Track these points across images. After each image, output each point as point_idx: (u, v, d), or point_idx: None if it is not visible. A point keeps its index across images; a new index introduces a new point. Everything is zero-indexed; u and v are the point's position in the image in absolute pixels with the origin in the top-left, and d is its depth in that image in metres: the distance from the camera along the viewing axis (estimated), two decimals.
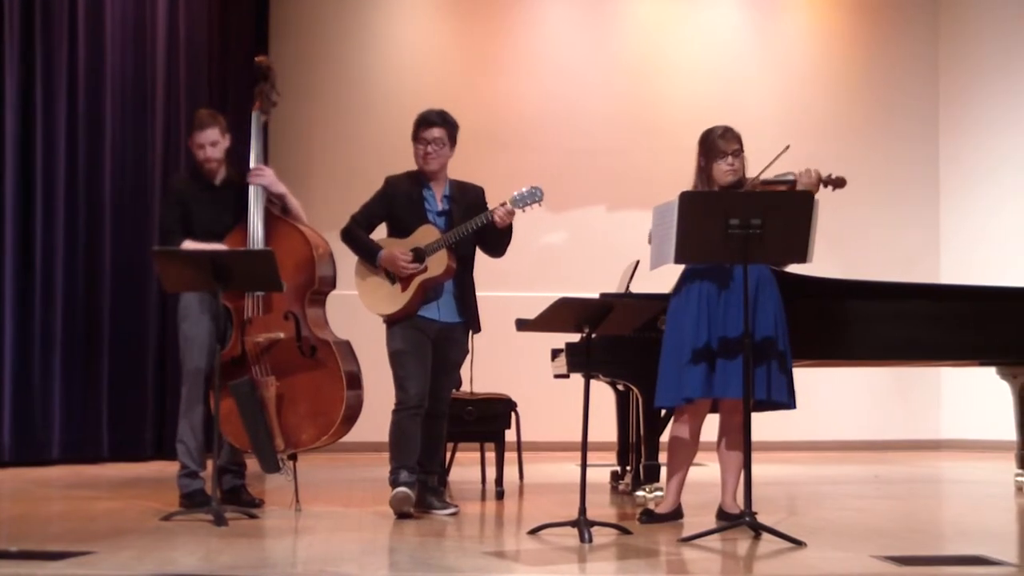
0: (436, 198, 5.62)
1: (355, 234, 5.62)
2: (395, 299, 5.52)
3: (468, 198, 5.66)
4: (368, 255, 5.57)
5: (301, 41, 10.39)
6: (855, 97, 10.85)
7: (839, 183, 5.48)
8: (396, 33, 10.64)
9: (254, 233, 5.67)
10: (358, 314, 5.73)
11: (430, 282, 5.51)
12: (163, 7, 9.08)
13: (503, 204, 5.47)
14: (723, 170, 5.14)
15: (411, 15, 10.70)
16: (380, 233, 5.70)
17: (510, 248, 5.69)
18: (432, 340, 5.55)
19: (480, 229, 5.49)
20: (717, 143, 5.14)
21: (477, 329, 5.73)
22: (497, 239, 5.60)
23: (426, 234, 5.51)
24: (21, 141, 8.06)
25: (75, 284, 8.35)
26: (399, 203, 5.60)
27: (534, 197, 5.50)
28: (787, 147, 4.97)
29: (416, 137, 5.59)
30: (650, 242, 5.06)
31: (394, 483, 5.42)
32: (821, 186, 5.38)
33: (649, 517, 5.27)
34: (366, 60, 10.53)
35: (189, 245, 5.59)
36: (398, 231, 5.61)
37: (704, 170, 5.18)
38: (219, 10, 9.74)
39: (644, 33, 10.78)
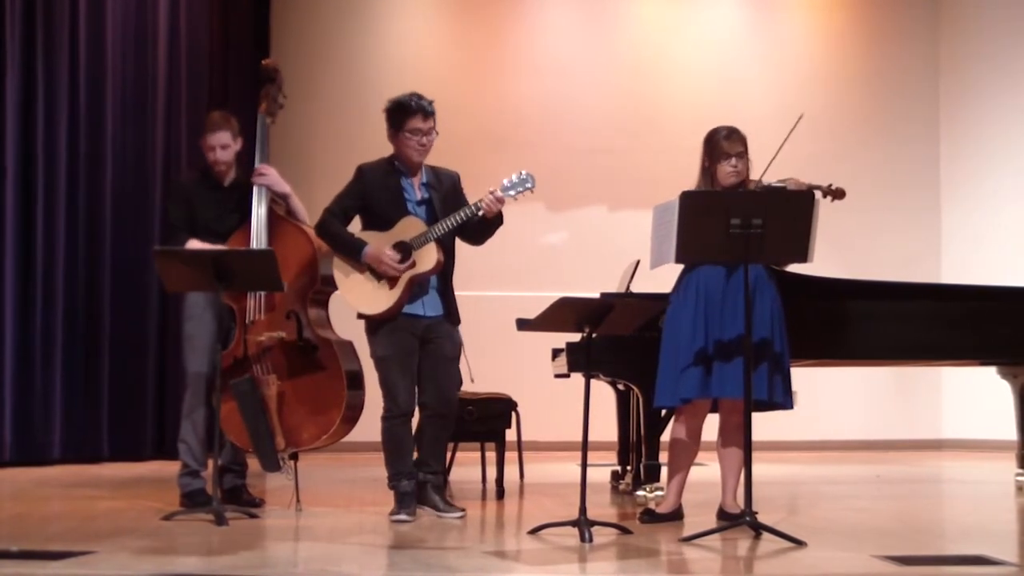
0: (415, 187, 5.42)
1: (333, 229, 5.40)
2: (382, 297, 5.31)
3: (445, 185, 5.48)
4: (350, 251, 5.35)
5: (302, 42, 10.39)
6: (856, 97, 10.84)
7: (838, 194, 5.51)
8: (397, 33, 10.64)
9: (257, 233, 5.67)
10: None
11: (419, 277, 5.32)
12: (164, 9, 9.08)
13: (491, 192, 5.25)
14: (726, 172, 5.13)
15: (412, 15, 10.70)
16: (355, 225, 5.53)
17: (510, 247, 5.66)
18: (420, 338, 5.37)
19: (465, 220, 5.30)
20: (721, 144, 5.13)
21: (457, 321, 5.55)
22: (483, 229, 5.39)
23: (410, 226, 5.31)
24: (22, 143, 8.06)
25: (76, 284, 8.35)
26: (376, 194, 5.40)
27: (525, 184, 5.31)
28: (800, 116, 4.98)
29: (406, 127, 5.34)
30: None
31: (395, 488, 5.38)
32: (820, 195, 5.41)
33: (650, 517, 5.27)
34: (367, 61, 10.53)
35: (194, 244, 5.59)
36: (376, 223, 5.39)
37: (708, 170, 5.18)
38: (220, 11, 9.74)
39: (644, 33, 10.78)
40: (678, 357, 5.08)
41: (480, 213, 5.27)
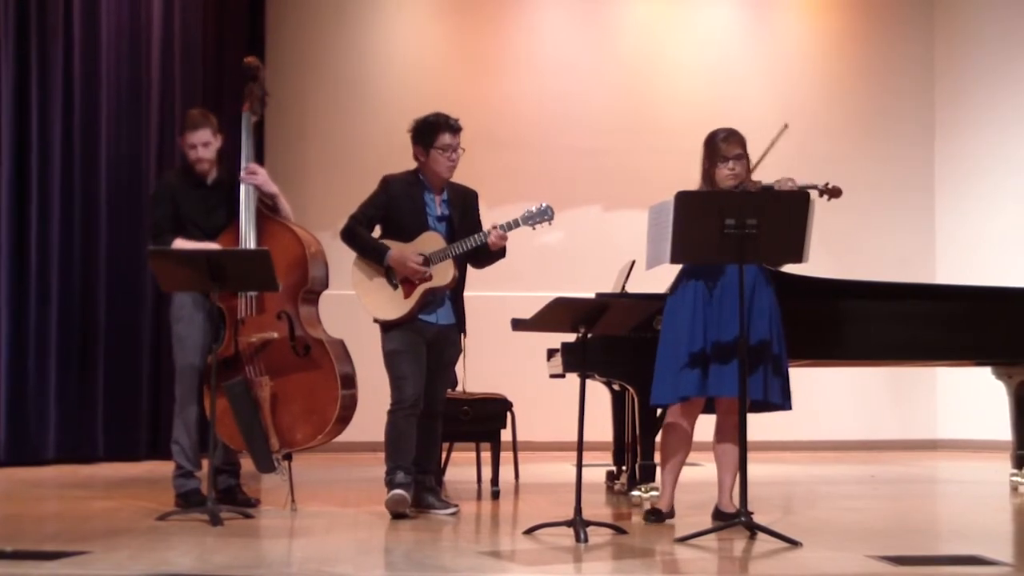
0: (436, 203, 5.59)
1: (358, 233, 5.54)
2: (397, 305, 5.49)
3: (462, 203, 5.64)
4: (375, 254, 5.50)
5: (297, 41, 10.37)
6: (851, 98, 10.84)
7: (835, 193, 5.50)
8: (393, 33, 10.63)
9: (246, 232, 5.66)
10: (354, 314, 5.72)
11: (433, 291, 5.48)
12: (158, 7, 9.07)
13: (495, 227, 5.46)
14: (724, 174, 5.13)
15: (408, 15, 10.69)
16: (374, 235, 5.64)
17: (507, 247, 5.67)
18: (428, 342, 5.54)
19: (477, 246, 5.49)
20: (719, 146, 5.14)
21: (463, 330, 5.72)
22: (486, 258, 5.60)
23: (430, 241, 5.49)
24: (16, 142, 8.04)
25: (70, 283, 8.34)
26: (400, 206, 5.55)
27: (544, 216, 5.55)
28: (785, 126, 4.98)
29: (437, 143, 5.50)
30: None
31: (390, 484, 5.41)
32: (816, 195, 5.41)
33: (656, 516, 5.24)
34: (362, 60, 10.51)
35: (180, 243, 5.59)
36: (396, 235, 5.54)
37: (707, 172, 5.18)
38: (214, 10, 9.72)
39: (641, 33, 10.78)
40: (677, 355, 5.08)
41: (485, 242, 5.47)
